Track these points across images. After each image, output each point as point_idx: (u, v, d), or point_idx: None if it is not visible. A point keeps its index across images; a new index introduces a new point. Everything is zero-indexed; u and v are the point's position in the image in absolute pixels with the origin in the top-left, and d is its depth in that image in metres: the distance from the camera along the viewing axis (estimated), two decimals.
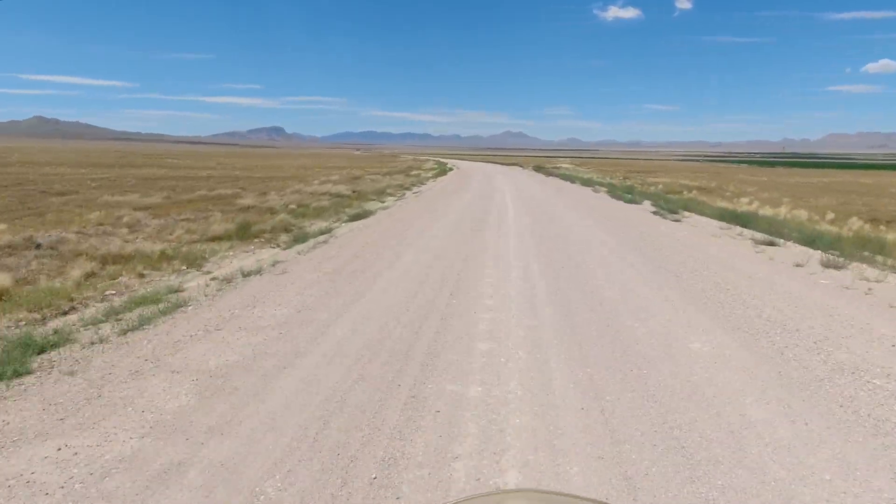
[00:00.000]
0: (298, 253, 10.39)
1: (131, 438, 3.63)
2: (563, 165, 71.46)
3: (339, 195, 21.28)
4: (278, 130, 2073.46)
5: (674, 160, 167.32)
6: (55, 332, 5.48)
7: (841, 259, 9.87)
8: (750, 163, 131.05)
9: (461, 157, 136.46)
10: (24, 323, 5.81)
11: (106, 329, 5.68)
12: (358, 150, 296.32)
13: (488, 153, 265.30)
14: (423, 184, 30.77)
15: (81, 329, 5.68)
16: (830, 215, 17.76)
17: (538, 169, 60.79)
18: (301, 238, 11.73)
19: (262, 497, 3.06)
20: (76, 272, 7.58)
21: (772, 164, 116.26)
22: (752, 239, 12.76)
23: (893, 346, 5.70)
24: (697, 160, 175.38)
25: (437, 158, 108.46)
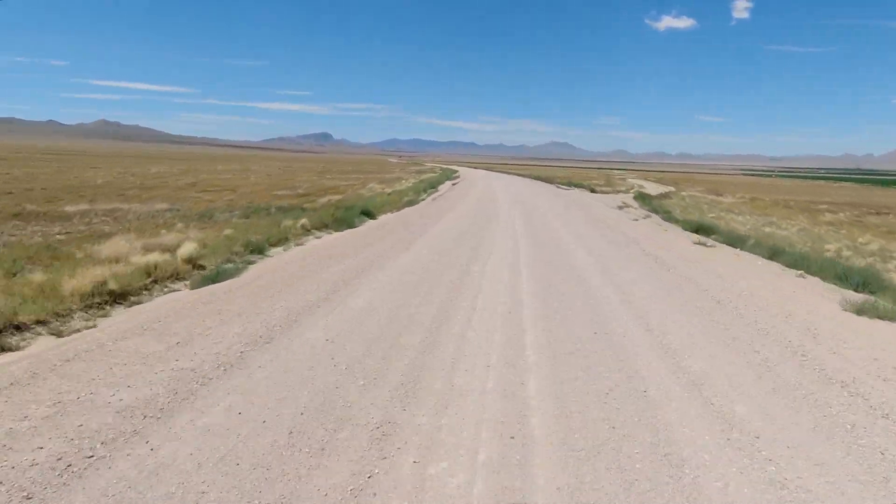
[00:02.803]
0: None
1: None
2: (641, 183, 48.33)
3: None
4: (326, 136, 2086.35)
5: (740, 174, 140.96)
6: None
7: None
8: (872, 181, 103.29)
9: (500, 169, 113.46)
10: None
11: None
12: (400, 156, 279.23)
13: (533, 163, 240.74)
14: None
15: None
16: None
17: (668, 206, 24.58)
18: None
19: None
20: None
21: None
22: None
23: None
24: (756, 174, 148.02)
25: (466, 167, 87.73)
